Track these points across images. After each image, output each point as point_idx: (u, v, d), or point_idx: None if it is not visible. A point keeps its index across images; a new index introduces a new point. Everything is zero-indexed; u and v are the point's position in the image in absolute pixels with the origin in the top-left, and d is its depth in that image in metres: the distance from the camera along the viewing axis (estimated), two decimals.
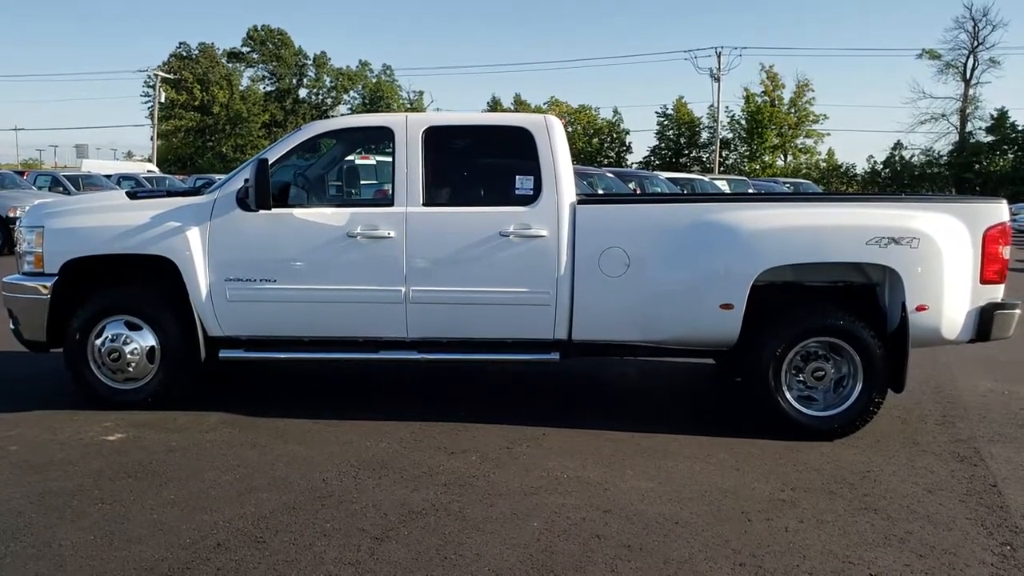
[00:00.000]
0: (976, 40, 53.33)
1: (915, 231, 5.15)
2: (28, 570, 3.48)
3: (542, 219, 5.49)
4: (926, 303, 5.18)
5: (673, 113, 62.17)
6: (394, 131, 5.72)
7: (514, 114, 6.38)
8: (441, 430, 5.45)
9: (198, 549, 3.69)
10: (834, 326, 5.32)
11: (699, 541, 3.86)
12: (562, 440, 5.30)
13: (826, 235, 5.29)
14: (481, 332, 5.65)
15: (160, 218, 5.64)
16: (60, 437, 5.22)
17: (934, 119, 55.02)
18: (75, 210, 6.15)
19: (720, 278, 5.31)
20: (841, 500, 4.39)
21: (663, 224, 5.52)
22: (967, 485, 4.65)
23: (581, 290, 5.48)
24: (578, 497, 4.36)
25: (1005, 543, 3.90)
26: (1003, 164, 51.76)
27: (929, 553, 3.77)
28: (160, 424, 5.50)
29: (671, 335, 5.53)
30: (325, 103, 72.74)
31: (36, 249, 5.75)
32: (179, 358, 5.75)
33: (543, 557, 3.66)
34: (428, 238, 5.56)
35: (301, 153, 6.08)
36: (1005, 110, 51.82)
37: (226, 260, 5.62)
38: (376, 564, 3.57)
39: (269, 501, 4.24)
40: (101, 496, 4.28)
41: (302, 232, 5.61)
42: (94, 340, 5.74)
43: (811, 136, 59.24)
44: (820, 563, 3.66)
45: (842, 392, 5.41)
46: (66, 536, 3.80)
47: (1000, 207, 5.40)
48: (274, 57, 70.37)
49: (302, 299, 5.61)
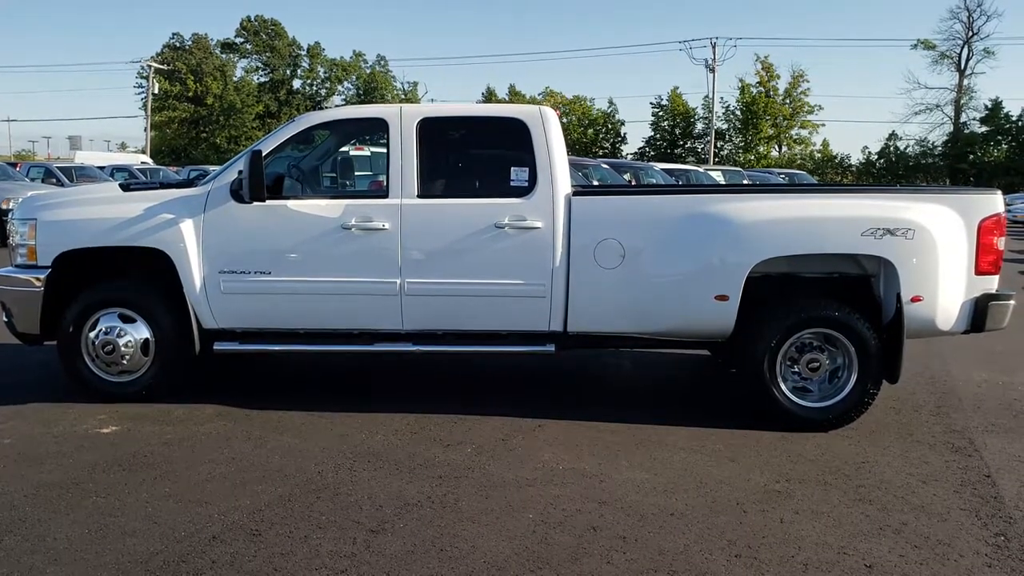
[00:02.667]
0: (971, 30, 53.37)
1: (910, 222, 5.15)
2: (22, 563, 3.47)
3: (537, 211, 5.48)
4: (921, 294, 5.18)
5: (668, 104, 62.11)
6: (388, 122, 5.70)
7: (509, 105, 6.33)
8: (436, 422, 5.45)
9: (193, 542, 3.68)
10: (829, 317, 5.33)
11: (694, 532, 3.86)
12: (557, 432, 5.31)
13: (821, 226, 5.28)
14: (476, 324, 5.64)
15: (154, 210, 5.62)
16: (54, 430, 5.21)
17: (929, 110, 55.14)
18: (68, 202, 6.12)
19: (715, 269, 5.30)
20: (836, 491, 4.40)
21: (658, 215, 5.51)
22: (961, 476, 4.67)
23: (576, 282, 5.48)
24: (573, 488, 4.36)
25: (999, 533, 3.91)
26: (997, 155, 51.84)
27: (924, 544, 3.78)
28: (154, 417, 5.48)
29: (666, 327, 5.53)
30: (319, 94, 72.48)
31: (29, 241, 5.72)
32: (173, 351, 5.74)
33: (538, 548, 3.67)
34: (423, 230, 5.55)
35: (295, 145, 6.06)
36: (999, 100, 51.91)
37: (220, 252, 5.60)
38: (371, 556, 3.57)
39: (264, 494, 4.24)
40: (95, 489, 4.27)
41: (296, 224, 5.58)
42: (88, 333, 5.73)
43: (806, 127, 59.24)
44: (815, 554, 3.67)
45: (837, 383, 5.42)
46: (60, 529, 3.79)
47: (995, 198, 5.40)
48: (268, 48, 70.08)
49: (297, 291, 5.59)
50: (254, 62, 71.46)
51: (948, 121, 54.78)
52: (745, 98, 57.48)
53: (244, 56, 71.22)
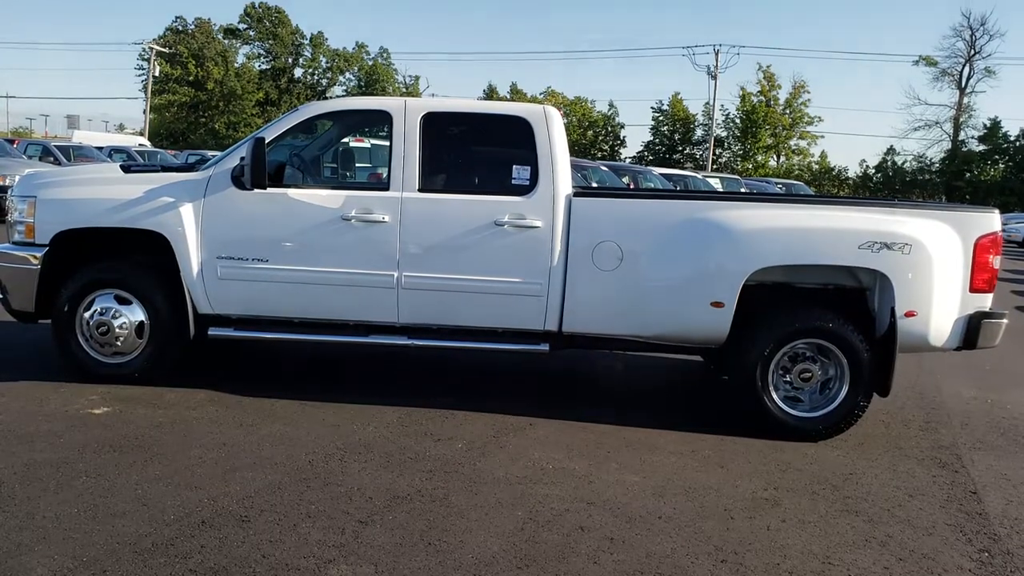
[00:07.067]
0: (973, 49, 53.68)
1: (907, 237, 5.18)
2: (11, 540, 3.47)
3: (537, 210, 5.49)
4: (915, 309, 5.21)
5: (668, 109, 62.24)
6: (392, 115, 5.70)
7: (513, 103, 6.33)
8: (428, 416, 5.46)
9: (182, 526, 3.69)
10: (823, 328, 5.35)
11: (681, 536, 3.88)
12: (548, 431, 5.32)
13: (819, 237, 5.31)
14: (472, 320, 5.65)
15: (154, 193, 5.61)
16: (46, 409, 5.20)
17: (928, 126, 55.47)
18: (69, 181, 6.11)
19: (712, 276, 5.32)
20: (823, 501, 4.43)
21: (657, 220, 5.53)
22: (948, 491, 4.70)
23: (573, 282, 5.49)
24: (563, 488, 4.38)
25: (983, 549, 3.94)
26: (994, 174, 52.09)
27: (908, 556, 3.81)
28: (146, 399, 5.48)
29: (661, 331, 5.55)
30: (320, 84, 72.38)
31: (28, 219, 5.71)
32: (168, 334, 5.73)
33: (526, 547, 3.68)
34: (422, 224, 5.55)
35: (298, 133, 6.05)
36: (998, 120, 52.24)
37: (219, 238, 5.59)
38: (360, 547, 3.58)
39: (254, 480, 4.24)
40: (86, 469, 4.27)
41: (296, 213, 5.58)
42: (83, 313, 5.72)
43: (805, 138, 59.44)
44: (801, 563, 3.69)
45: (828, 394, 5.45)
46: (49, 508, 3.79)
47: (993, 217, 5.43)
48: (271, 35, 69.93)
49: (294, 280, 5.59)
50: (256, 49, 71.46)
51: (947, 138, 55.09)
52: (745, 106, 57.61)
53: (247, 42, 71.14)
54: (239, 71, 68.97)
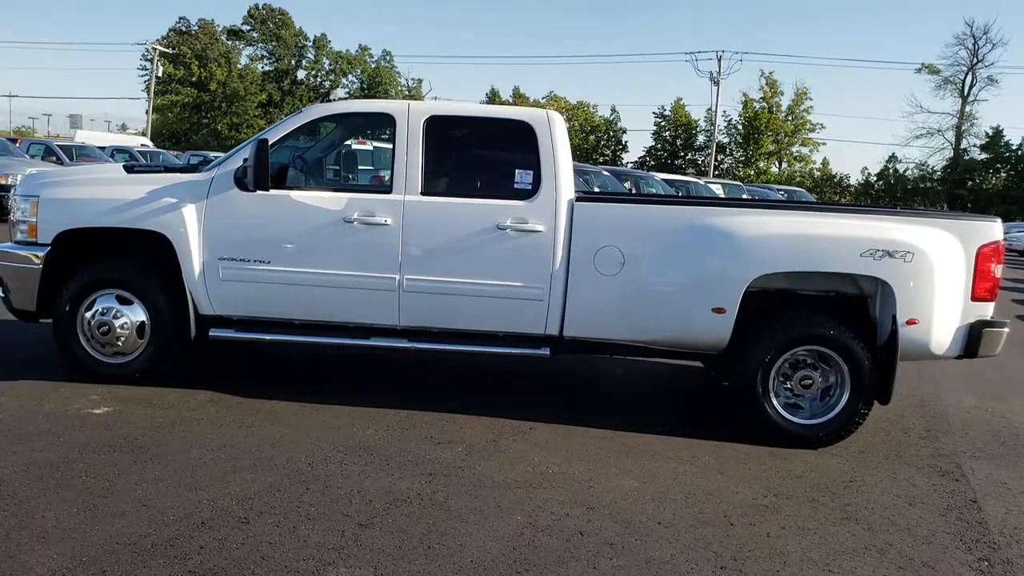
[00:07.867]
0: (976, 57, 53.70)
1: (910, 245, 5.18)
2: (10, 540, 3.46)
3: (539, 214, 5.49)
4: (917, 317, 5.21)
5: (671, 114, 62.25)
6: (396, 118, 5.71)
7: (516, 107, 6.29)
8: (428, 419, 5.46)
9: (182, 527, 3.68)
10: (824, 336, 5.35)
11: (681, 542, 3.88)
12: (549, 435, 5.32)
13: (821, 245, 5.30)
14: (473, 324, 5.65)
15: (157, 193, 5.61)
16: (46, 408, 5.20)
17: (930, 134, 55.44)
18: (71, 181, 6.11)
19: (714, 282, 5.32)
20: (823, 508, 4.43)
21: (660, 226, 5.53)
22: (947, 499, 4.69)
23: (574, 287, 5.49)
24: (562, 493, 4.38)
25: (983, 559, 3.94)
26: (996, 182, 52.10)
27: (908, 565, 3.81)
28: (147, 400, 5.48)
29: (662, 336, 5.55)
30: (323, 86, 72.51)
31: (30, 218, 5.71)
32: (169, 335, 5.73)
33: (525, 551, 3.68)
34: (424, 227, 5.55)
35: (301, 135, 6.06)
36: (1000, 128, 52.22)
37: (221, 239, 5.60)
38: (359, 550, 3.58)
39: (254, 482, 4.24)
40: (85, 469, 4.27)
41: (298, 215, 5.59)
42: (84, 312, 5.72)
43: (807, 144, 59.47)
44: (800, 570, 3.69)
45: (828, 401, 5.44)
46: (49, 508, 3.79)
47: (995, 225, 5.43)
48: (274, 37, 70.04)
49: (295, 282, 5.59)
50: (259, 50, 71.57)
51: (948, 146, 55.07)
52: (748, 112, 57.64)
53: (250, 44, 71.29)
54: (242, 72, 69.06)
